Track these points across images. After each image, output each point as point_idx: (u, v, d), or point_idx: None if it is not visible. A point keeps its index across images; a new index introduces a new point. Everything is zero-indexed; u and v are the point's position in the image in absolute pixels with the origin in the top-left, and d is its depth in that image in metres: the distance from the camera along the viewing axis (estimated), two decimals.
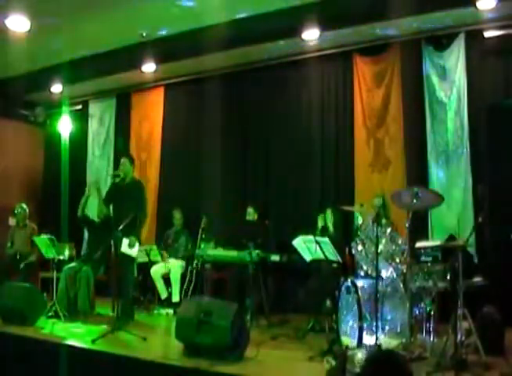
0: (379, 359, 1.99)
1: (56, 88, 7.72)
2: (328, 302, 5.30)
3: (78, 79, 7.57)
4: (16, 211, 7.32)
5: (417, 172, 6.11)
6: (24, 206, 7.36)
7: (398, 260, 4.33)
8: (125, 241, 5.58)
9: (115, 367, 4.07)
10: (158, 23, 6.04)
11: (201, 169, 7.52)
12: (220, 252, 6.37)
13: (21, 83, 7.64)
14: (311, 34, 5.96)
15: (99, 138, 8.67)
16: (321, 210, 6.17)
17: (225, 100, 7.37)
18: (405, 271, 4.24)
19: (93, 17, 5.83)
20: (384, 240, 4.36)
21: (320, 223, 6.03)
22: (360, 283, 4.23)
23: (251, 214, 6.65)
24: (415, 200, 4.12)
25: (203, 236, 6.60)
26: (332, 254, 4.75)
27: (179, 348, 4.28)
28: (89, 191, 6.46)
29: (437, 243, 4.60)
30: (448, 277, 4.05)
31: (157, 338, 5.22)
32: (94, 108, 8.76)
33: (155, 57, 6.80)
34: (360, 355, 3.17)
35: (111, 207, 6.00)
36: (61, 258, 6.05)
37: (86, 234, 7.35)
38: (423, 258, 4.39)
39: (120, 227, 5.40)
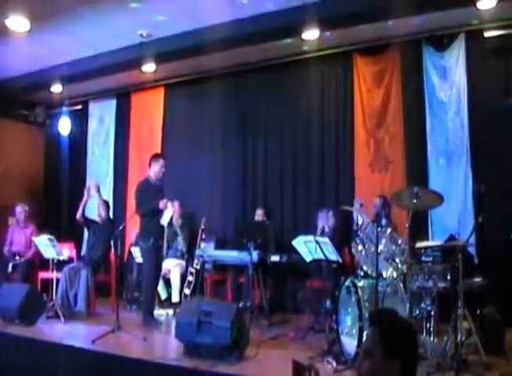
0: (379, 317, 1.96)
1: (56, 88, 7.70)
2: (328, 302, 5.30)
3: (78, 79, 7.55)
4: (17, 211, 7.31)
5: (417, 172, 6.10)
6: (26, 207, 7.35)
7: (398, 260, 4.32)
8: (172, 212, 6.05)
9: (115, 367, 4.07)
10: (158, 23, 6.03)
11: (201, 169, 7.52)
12: (220, 252, 6.37)
13: (21, 83, 7.63)
14: (311, 34, 5.95)
15: (99, 138, 8.66)
16: (322, 210, 6.17)
17: (225, 100, 7.38)
18: (405, 271, 4.23)
19: (93, 17, 5.82)
20: (384, 240, 4.34)
21: (321, 223, 6.03)
22: (360, 283, 4.22)
23: (260, 216, 6.67)
24: (415, 200, 4.12)
25: (203, 236, 6.60)
26: (332, 254, 4.75)
27: (179, 348, 4.28)
28: (89, 194, 6.48)
29: (437, 243, 4.61)
30: (448, 277, 4.05)
31: (157, 338, 5.23)
32: (94, 108, 8.75)
33: (155, 57, 6.79)
34: None
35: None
36: (61, 258, 6.05)
37: (86, 234, 7.34)
38: (423, 258, 4.40)
39: (120, 228, 5.42)
